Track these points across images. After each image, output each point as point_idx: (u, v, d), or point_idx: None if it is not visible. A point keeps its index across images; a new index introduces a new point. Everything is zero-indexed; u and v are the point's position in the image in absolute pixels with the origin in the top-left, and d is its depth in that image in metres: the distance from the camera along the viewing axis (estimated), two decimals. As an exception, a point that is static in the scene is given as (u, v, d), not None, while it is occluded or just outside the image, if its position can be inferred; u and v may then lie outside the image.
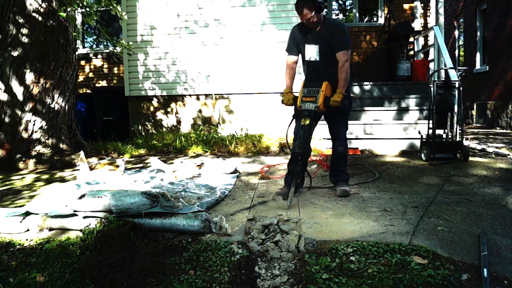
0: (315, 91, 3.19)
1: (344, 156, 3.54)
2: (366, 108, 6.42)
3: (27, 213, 2.84)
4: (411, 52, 8.00)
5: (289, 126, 3.43)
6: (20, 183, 4.24)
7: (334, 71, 3.24)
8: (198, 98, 7.16)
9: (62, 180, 4.34)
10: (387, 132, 5.86)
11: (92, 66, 9.17)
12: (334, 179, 3.55)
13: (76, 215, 2.75)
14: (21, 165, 4.97)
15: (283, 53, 3.45)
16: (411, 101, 6.53)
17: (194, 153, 5.86)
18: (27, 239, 2.64)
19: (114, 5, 5.38)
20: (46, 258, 2.40)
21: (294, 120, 3.39)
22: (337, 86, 3.23)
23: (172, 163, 5.06)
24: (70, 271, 2.23)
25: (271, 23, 6.81)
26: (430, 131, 4.86)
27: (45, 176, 4.55)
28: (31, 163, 4.99)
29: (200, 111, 7.18)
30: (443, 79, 6.03)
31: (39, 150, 5.12)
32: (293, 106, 3.36)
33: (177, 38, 7.05)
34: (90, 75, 9.16)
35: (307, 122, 3.16)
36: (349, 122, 5.95)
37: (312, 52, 3.29)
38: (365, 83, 7.09)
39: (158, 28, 7.07)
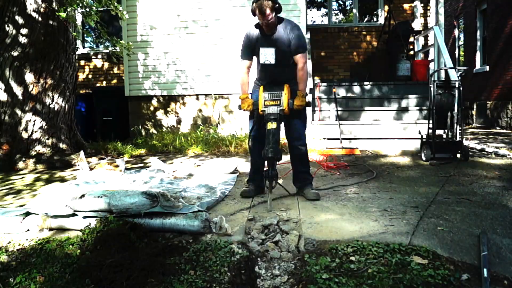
0: (278, 94, 3.15)
1: (306, 158, 3.41)
2: (366, 108, 6.42)
3: (27, 213, 2.84)
4: (411, 52, 8.01)
5: (250, 131, 3.35)
6: (20, 183, 4.24)
7: (290, 73, 3.23)
8: (197, 98, 7.16)
9: (62, 180, 4.34)
10: (387, 132, 5.86)
11: (92, 66, 9.17)
12: (299, 184, 3.40)
13: (76, 215, 2.75)
14: (21, 165, 4.97)
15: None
16: (411, 101, 6.54)
17: (194, 153, 5.86)
18: (27, 239, 2.64)
19: (115, 4, 5.37)
20: (46, 258, 2.40)
21: (252, 123, 3.33)
22: (295, 88, 3.21)
23: (172, 163, 5.06)
24: (70, 271, 2.22)
25: (271, 23, 6.80)
26: (430, 131, 4.86)
27: (45, 176, 4.55)
28: (31, 163, 4.99)
29: (200, 111, 7.18)
30: (443, 79, 6.03)
31: (39, 150, 5.12)
32: (252, 111, 3.31)
33: (177, 38, 7.05)
34: (90, 75, 9.16)
35: (274, 125, 3.10)
36: (349, 122, 6.10)
37: (267, 55, 3.20)
38: (365, 83, 7.09)
39: (158, 28, 7.07)
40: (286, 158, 3.87)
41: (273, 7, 3.02)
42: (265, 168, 3.15)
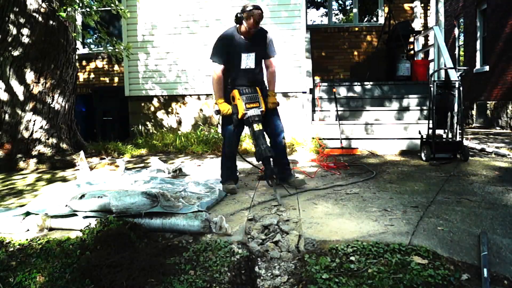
0: (255, 96, 3.44)
1: (286, 150, 3.79)
2: (366, 108, 6.42)
3: (27, 213, 2.84)
4: (411, 52, 8.01)
5: (224, 133, 3.67)
6: (20, 183, 4.24)
7: (261, 76, 3.60)
8: (198, 98, 7.16)
9: (63, 180, 4.34)
10: (387, 132, 5.86)
11: (92, 66, 9.16)
12: (283, 175, 3.61)
13: (76, 215, 2.75)
14: (21, 164, 4.98)
15: (283, 53, 3.53)
16: (411, 101, 6.53)
17: (195, 153, 5.86)
18: (27, 239, 2.64)
19: (116, 2, 5.36)
20: (46, 258, 2.40)
21: (233, 128, 3.54)
22: (264, 87, 3.59)
23: (172, 163, 5.06)
24: (70, 271, 2.22)
25: (272, 22, 6.80)
26: (430, 131, 4.86)
27: (45, 176, 4.55)
28: (31, 163, 5.00)
29: (200, 111, 7.18)
30: (443, 79, 6.03)
31: (40, 150, 5.12)
32: (230, 116, 3.50)
33: (178, 38, 7.05)
34: (90, 75, 9.16)
35: (260, 126, 3.40)
36: (349, 122, 6.10)
37: (249, 60, 3.45)
38: (365, 83, 7.09)
39: (158, 27, 7.06)
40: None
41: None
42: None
